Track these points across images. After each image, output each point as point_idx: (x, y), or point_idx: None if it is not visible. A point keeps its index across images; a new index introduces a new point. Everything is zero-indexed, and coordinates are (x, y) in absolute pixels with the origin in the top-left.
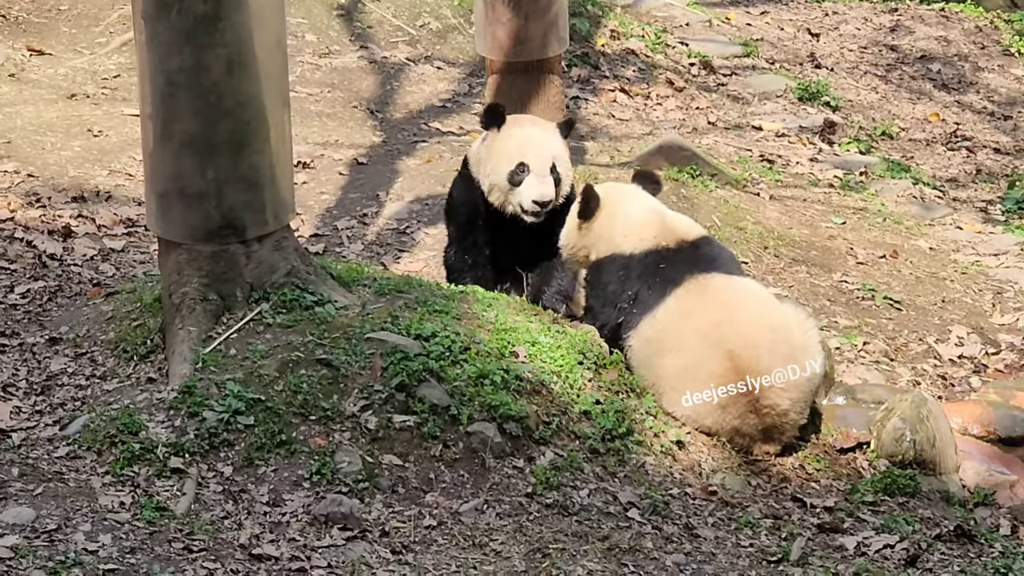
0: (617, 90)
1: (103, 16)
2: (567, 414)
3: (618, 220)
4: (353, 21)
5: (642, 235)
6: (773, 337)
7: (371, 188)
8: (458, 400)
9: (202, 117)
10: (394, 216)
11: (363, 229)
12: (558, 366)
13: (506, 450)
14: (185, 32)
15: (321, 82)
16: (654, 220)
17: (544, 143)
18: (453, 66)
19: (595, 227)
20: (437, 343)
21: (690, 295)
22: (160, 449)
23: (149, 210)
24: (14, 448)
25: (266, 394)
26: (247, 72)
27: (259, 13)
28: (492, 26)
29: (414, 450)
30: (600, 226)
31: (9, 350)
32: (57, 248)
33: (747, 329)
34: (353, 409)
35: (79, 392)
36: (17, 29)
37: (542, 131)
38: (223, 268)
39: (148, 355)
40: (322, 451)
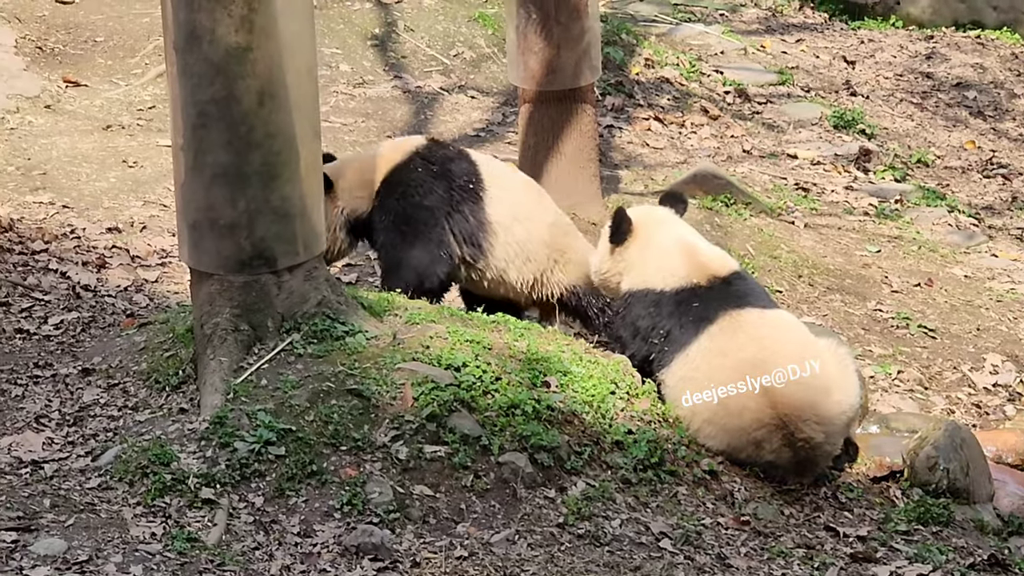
0: (651, 118)
1: (138, 47)
2: (599, 444)
3: (651, 251)
4: (387, 51)
5: (674, 270)
6: (808, 372)
7: None
8: (489, 430)
9: (233, 148)
10: None
11: None
12: (590, 396)
13: (537, 480)
14: (216, 63)
15: (355, 112)
16: (687, 254)
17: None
18: (487, 95)
19: (627, 255)
20: (468, 373)
21: (724, 333)
22: (191, 480)
23: (181, 241)
24: (46, 479)
25: (297, 424)
26: (278, 103)
27: (290, 44)
28: (525, 55)
29: (445, 480)
30: (633, 254)
31: (42, 381)
32: (91, 279)
33: (782, 365)
34: (384, 439)
35: (111, 423)
36: (53, 60)
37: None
38: (254, 298)
39: (180, 385)
40: (353, 481)
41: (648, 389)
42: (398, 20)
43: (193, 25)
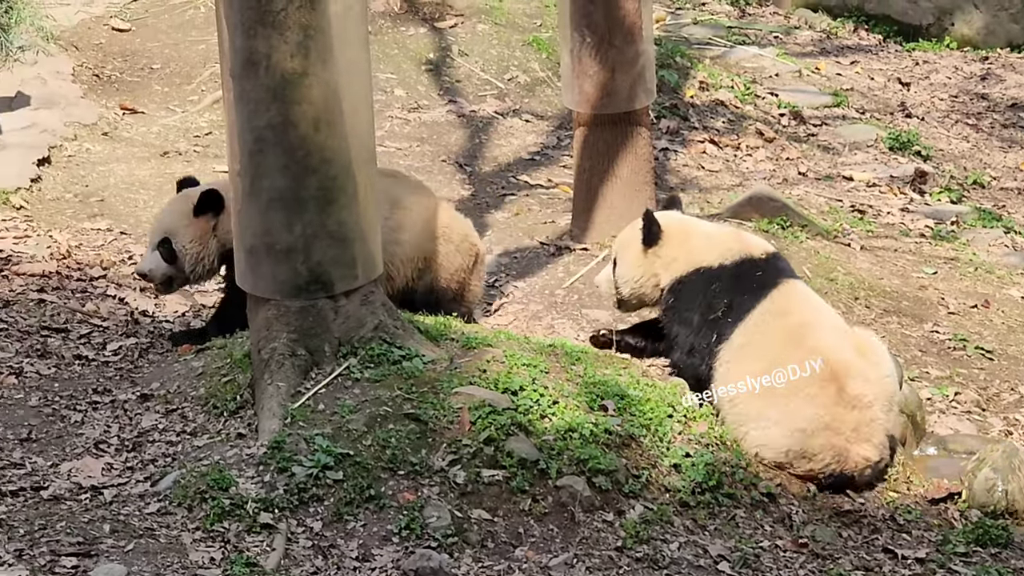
0: (707, 141)
1: (195, 74)
2: (657, 467)
3: (695, 240)
4: (442, 76)
5: (728, 248)
6: (852, 339)
7: None
8: (547, 454)
9: (290, 173)
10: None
11: None
12: (647, 419)
13: (595, 504)
14: (273, 89)
15: (410, 136)
16: (734, 235)
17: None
18: (541, 119)
19: (664, 252)
20: (526, 397)
21: (783, 297)
22: (250, 504)
23: (238, 266)
24: (106, 504)
25: (355, 449)
26: (334, 129)
27: (346, 70)
28: (579, 79)
29: (503, 504)
30: (672, 250)
31: (101, 407)
32: (149, 305)
33: (833, 328)
34: (442, 463)
35: (170, 448)
36: (110, 88)
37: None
38: (311, 323)
39: (238, 411)
40: (411, 506)
41: (706, 412)
42: (452, 45)
43: (250, 52)
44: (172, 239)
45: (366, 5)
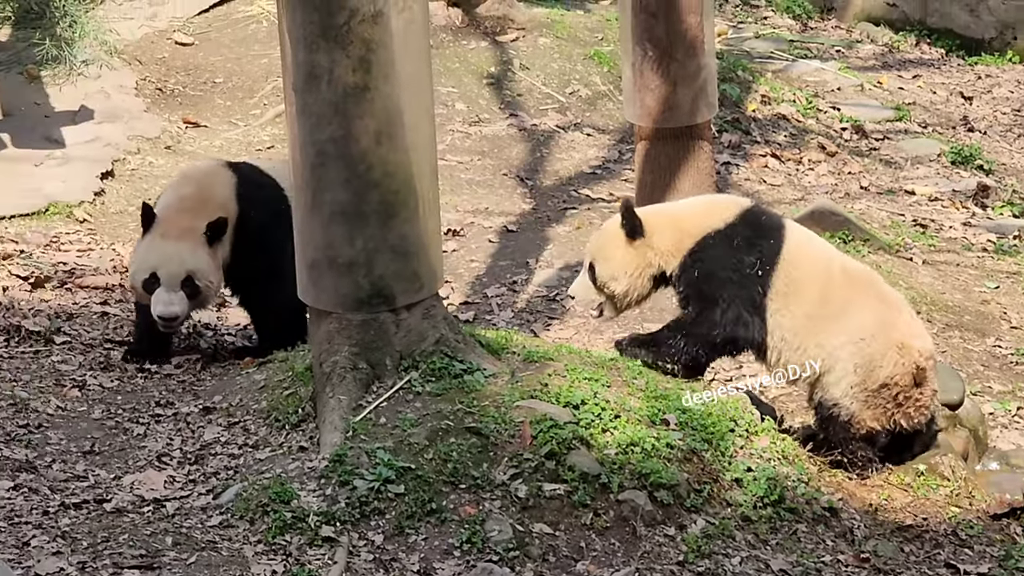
0: (768, 155)
1: (257, 88)
2: (718, 481)
3: (681, 214)
4: (503, 89)
5: (719, 206)
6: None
7: (521, 255)
8: (608, 468)
9: (351, 187)
10: (544, 283)
11: (513, 297)
12: (709, 433)
13: (657, 518)
14: (334, 103)
15: (471, 150)
16: (709, 198)
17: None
18: (603, 133)
19: (655, 238)
20: (587, 411)
21: (795, 236)
22: (311, 518)
23: (300, 280)
24: (168, 517)
25: (416, 462)
26: (396, 142)
27: (408, 84)
28: (641, 93)
29: (564, 518)
30: (662, 233)
31: (164, 419)
32: (211, 317)
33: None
34: (503, 477)
35: (232, 461)
36: (173, 102)
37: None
38: (373, 337)
39: (299, 424)
40: (472, 520)
41: (768, 427)
42: (513, 59)
43: (312, 66)
44: (195, 276)
45: (428, 19)
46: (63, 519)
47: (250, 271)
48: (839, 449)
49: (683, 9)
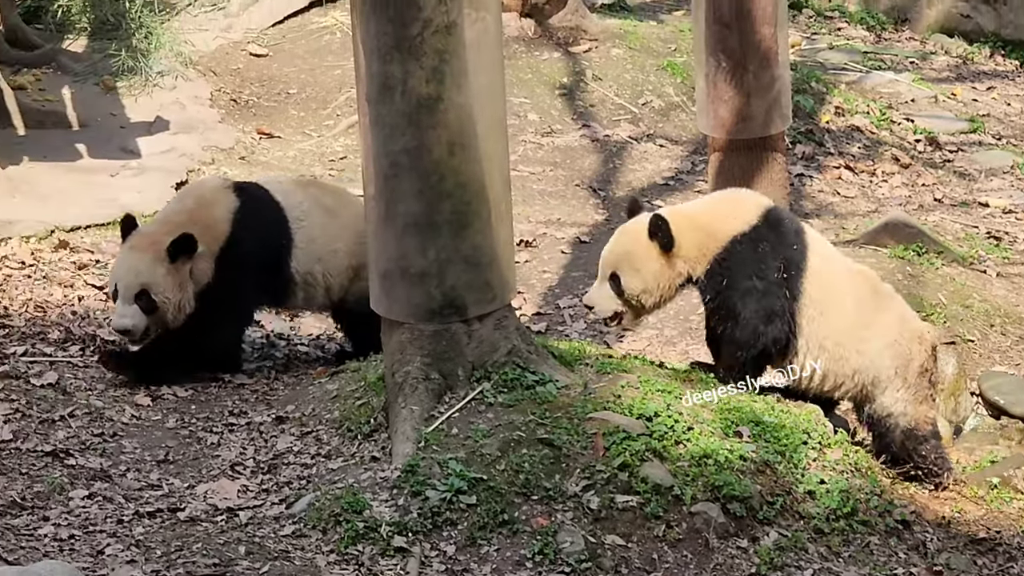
0: (842, 167)
1: (330, 99)
2: (791, 494)
3: (703, 217)
4: (575, 100)
5: (747, 212)
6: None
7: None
8: (681, 480)
9: (424, 198)
10: None
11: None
12: (782, 446)
13: (730, 530)
14: (408, 114)
15: (543, 161)
16: (728, 196)
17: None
18: (676, 144)
19: (684, 251)
20: (660, 422)
21: (815, 240)
22: (384, 528)
23: (372, 290)
24: (241, 526)
25: (488, 473)
26: (468, 153)
27: (480, 95)
28: (714, 104)
29: (637, 530)
30: (690, 237)
31: (237, 429)
32: (284, 328)
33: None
34: (575, 489)
35: (304, 471)
36: (247, 113)
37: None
38: (445, 347)
39: (372, 434)
40: (544, 531)
41: (841, 439)
42: (586, 69)
43: (385, 77)
44: (150, 290)
45: (501, 30)
46: (137, 528)
47: (220, 293)
48: (911, 462)
49: (757, 20)
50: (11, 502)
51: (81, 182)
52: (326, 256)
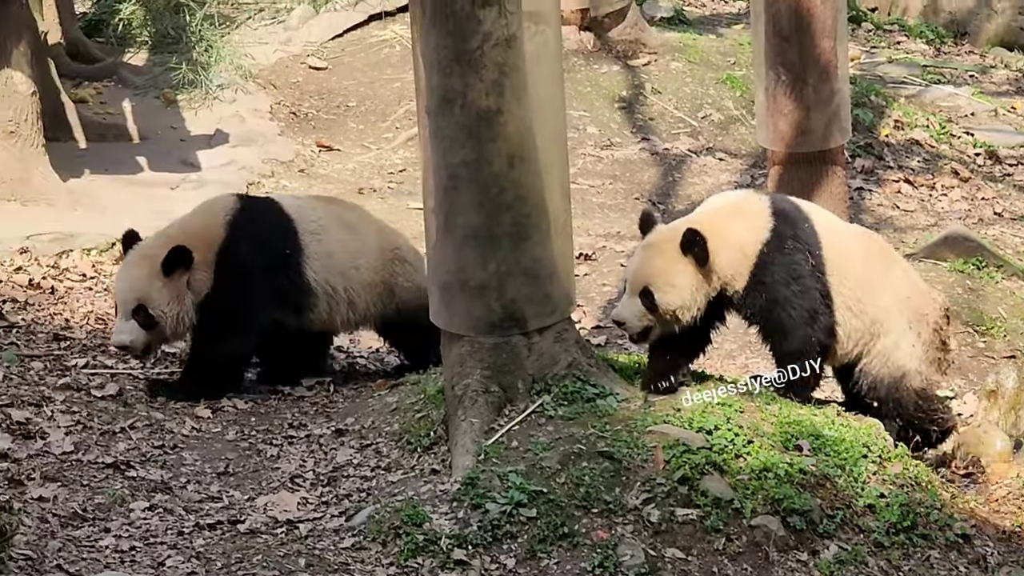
0: (901, 180)
1: (390, 112)
2: (851, 507)
3: (728, 227)
4: (634, 113)
5: (757, 211)
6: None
7: None
8: (741, 493)
9: (484, 210)
10: None
11: None
12: (842, 459)
13: (790, 543)
14: (467, 127)
15: (603, 174)
16: (734, 199)
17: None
18: (735, 157)
19: (719, 263)
20: (720, 436)
21: (824, 220)
22: (443, 541)
23: (432, 302)
24: (301, 539)
25: (548, 486)
26: (528, 165)
27: (540, 107)
28: (774, 117)
29: (697, 543)
30: (723, 253)
31: (297, 441)
32: (344, 340)
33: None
34: (635, 502)
35: (364, 483)
36: (307, 126)
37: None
38: (505, 360)
39: (431, 447)
40: (604, 544)
41: (901, 453)
42: (645, 83)
43: (445, 89)
44: (147, 305)
45: (561, 43)
46: (197, 539)
47: (219, 303)
48: (925, 423)
49: (817, 33)
50: (72, 513)
51: (141, 195)
52: (348, 272)
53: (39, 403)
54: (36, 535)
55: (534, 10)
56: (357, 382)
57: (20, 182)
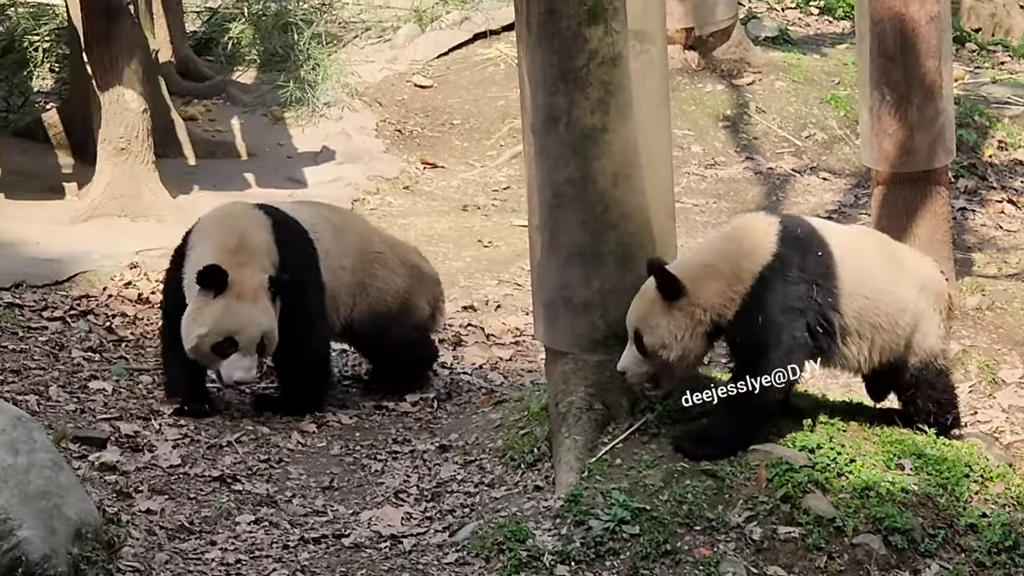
0: (1005, 201)
1: (494, 130)
2: (953, 527)
3: (724, 255)
4: (739, 132)
5: (764, 239)
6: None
7: None
8: (843, 511)
9: (588, 228)
10: None
11: None
12: (944, 479)
13: (891, 562)
14: (572, 145)
15: (707, 192)
16: (738, 230)
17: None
18: (839, 177)
19: (702, 296)
20: (823, 455)
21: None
22: (546, 557)
23: (536, 319)
24: (405, 553)
25: (651, 504)
26: (632, 184)
27: (645, 126)
28: (878, 137)
29: (798, 561)
30: (705, 285)
31: (401, 457)
32: (448, 357)
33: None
34: (738, 520)
35: (468, 499)
36: (412, 143)
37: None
38: (608, 378)
39: (535, 463)
40: (707, 561)
41: (1002, 472)
42: (749, 102)
43: (551, 108)
44: (237, 337)
45: (666, 61)
46: (302, 553)
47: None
48: (950, 404)
49: (921, 54)
50: (179, 526)
51: None
52: (337, 271)
53: (147, 416)
54: (144, 547)
55: (640, 29)
56: (460, 398)
57: (130, 198)
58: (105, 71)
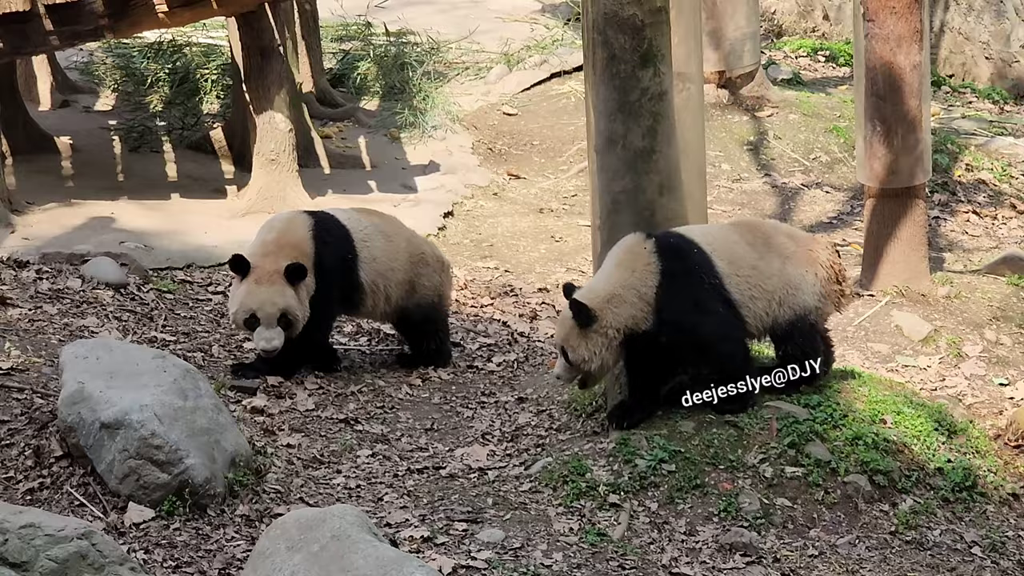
0: (970, 212)
1: (565, 149)
2: (924, 469)
3: (621, 283)
4: (759, 154)
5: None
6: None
7: None
8: (837, 456)
9: (639, 230)
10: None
11: None
12: (918, 431)
13: (874, 497)
14: (627, 162)
15: (733, 202)
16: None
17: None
18: (838, 191)
19: (610, 316)
20: (822, 410)
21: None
22: (601, 487)
23: None
24: (489, 483)
25: (685, 447)
26: (675, 195)
27: (686, 148)
28: (870, 159)
29: (801, 495)
30: (616, 308)
31: (487, 406)
32: (526, 328)
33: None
34: (753, 461)
35: (540, 440)
36: (500, 159)
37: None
38: None
39: (593, 413)
40: (728, 494)
41: (964, 426)
42: (768, 130)
43: (610, 132)
44: (288, 312)
45: (703, 98)
46: (408, 481)
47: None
48: (803, 355)
49: (906, 94)
50: (312, 458)
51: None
52: (387, 272)
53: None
54: (284, 474)
55: (682, 71)
56: (536, 360)
57: (278, 199)
58: (259, 98)
